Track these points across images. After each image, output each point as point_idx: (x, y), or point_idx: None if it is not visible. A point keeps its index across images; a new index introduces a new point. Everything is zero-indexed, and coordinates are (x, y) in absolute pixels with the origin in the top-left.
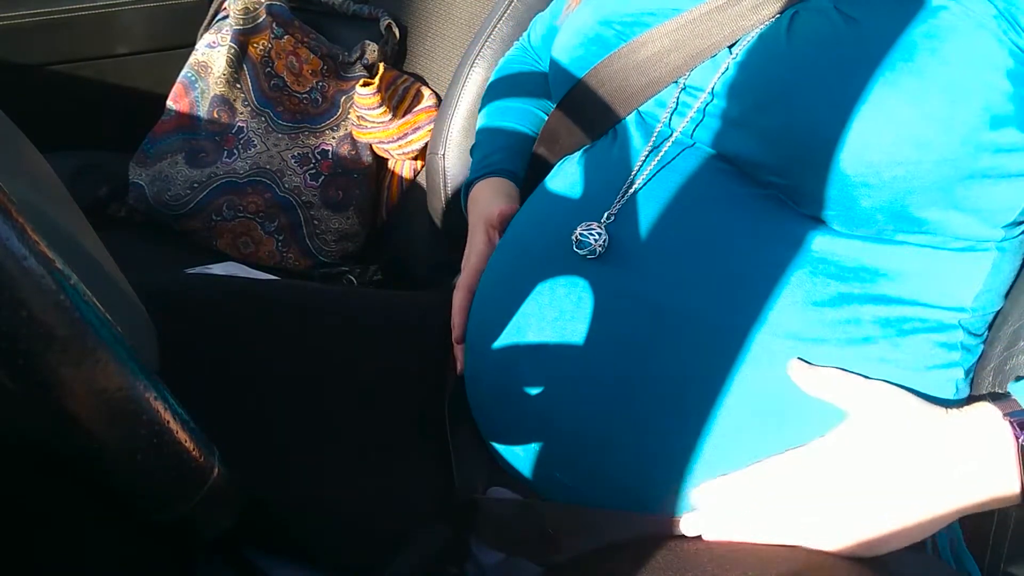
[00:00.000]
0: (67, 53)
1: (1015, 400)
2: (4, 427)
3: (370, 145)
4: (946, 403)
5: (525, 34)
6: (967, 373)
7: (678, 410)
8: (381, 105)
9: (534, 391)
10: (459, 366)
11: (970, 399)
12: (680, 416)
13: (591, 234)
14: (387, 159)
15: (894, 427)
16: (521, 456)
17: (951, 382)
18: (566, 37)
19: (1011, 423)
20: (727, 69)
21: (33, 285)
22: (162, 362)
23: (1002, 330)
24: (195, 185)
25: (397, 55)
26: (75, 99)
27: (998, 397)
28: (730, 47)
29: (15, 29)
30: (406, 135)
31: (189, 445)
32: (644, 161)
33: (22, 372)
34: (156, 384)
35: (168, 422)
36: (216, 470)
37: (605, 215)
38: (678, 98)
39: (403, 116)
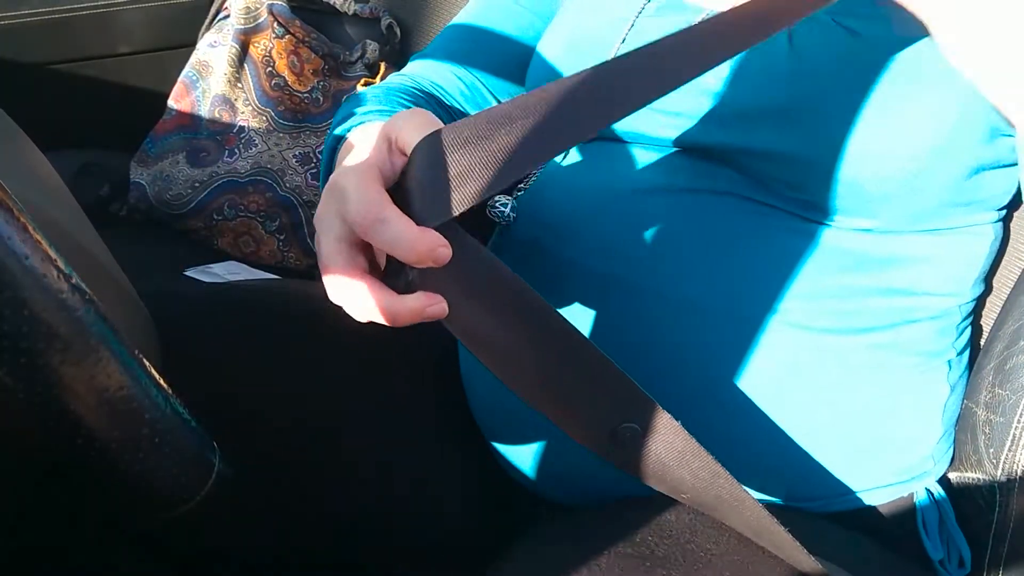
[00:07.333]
0: (68, 53)
1: None
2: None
3: None
4: None
5: None
6: (959, 353)
7: (679, 405)
8: None
9: None
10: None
11: (968, 399)
12: (680, 412)
13: None
14: None
15: None
16: (519, 455)
17: (945, 363)
18: (547, 44)
19: None
20: (727, 67)
21: (35, 284)
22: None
23: (1002, 329)
24: (196, 184)
25: (398, 55)
26: (76, 99)
27: None
28: None
29: (15, 29)
30: None
31: (190, 444)
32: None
33: (24, 371)
34: (157, 383)
35: (169, 421)
36: (217, 470)
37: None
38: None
39: None
